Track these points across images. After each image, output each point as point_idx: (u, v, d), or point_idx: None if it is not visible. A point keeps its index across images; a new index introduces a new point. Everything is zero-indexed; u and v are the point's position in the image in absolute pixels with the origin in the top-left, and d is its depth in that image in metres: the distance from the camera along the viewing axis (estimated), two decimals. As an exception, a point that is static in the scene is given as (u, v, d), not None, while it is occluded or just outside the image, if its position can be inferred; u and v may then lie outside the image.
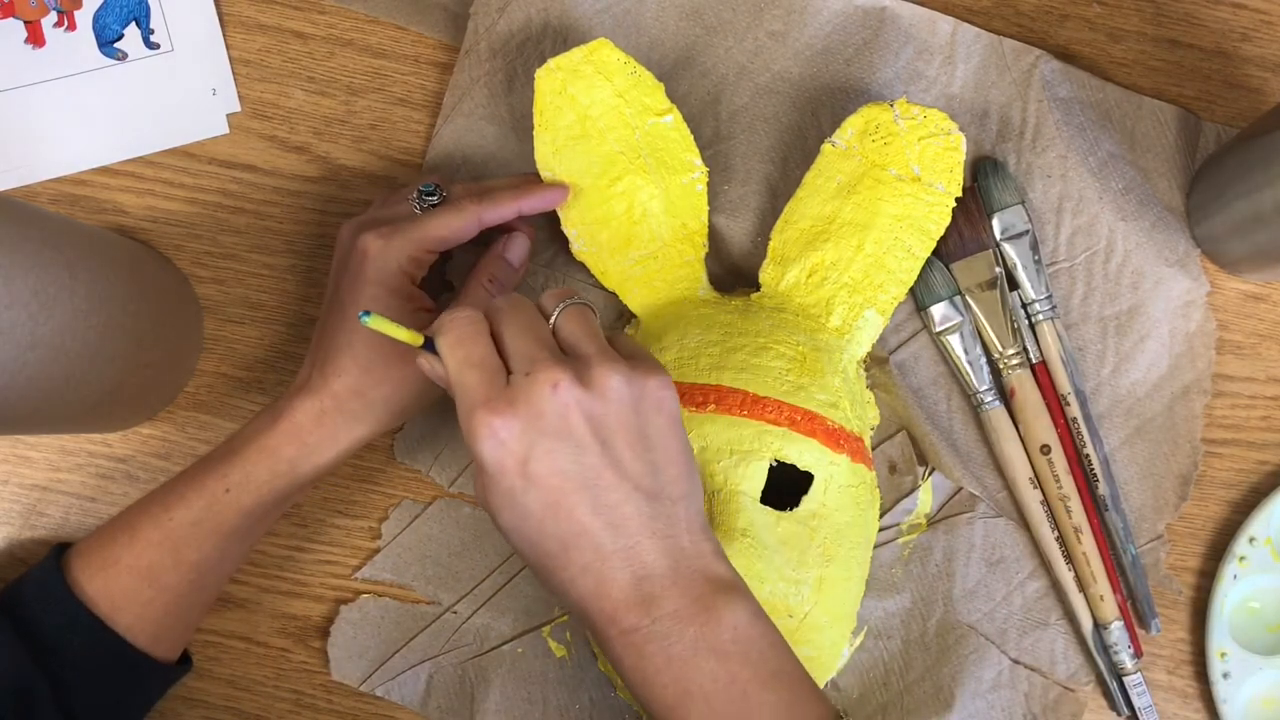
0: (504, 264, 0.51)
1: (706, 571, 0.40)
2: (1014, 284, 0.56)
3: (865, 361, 0.55)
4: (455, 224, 0.49)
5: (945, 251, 0.56)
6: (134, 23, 0.59)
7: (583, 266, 0.55)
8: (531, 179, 0.53)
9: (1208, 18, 0.59)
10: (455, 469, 0.57)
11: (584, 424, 0.39)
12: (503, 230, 0.53)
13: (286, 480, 0.48)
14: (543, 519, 0.39)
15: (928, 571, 0.56)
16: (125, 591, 0.47)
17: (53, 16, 0.59)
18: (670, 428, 0.41)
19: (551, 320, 0.43)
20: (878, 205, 0.52)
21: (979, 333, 0.56)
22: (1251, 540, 0.55)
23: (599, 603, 0.40)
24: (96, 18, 0.59)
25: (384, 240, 0.47)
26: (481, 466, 0.40)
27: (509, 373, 0.40)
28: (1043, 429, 0.55)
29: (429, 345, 0.43)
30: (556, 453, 0.39)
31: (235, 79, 0.59)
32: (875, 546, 0.55)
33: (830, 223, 0.53)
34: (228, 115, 0.59)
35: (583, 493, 0.39)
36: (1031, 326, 0.56)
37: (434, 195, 0.50)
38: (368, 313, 0.41)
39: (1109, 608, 0.54)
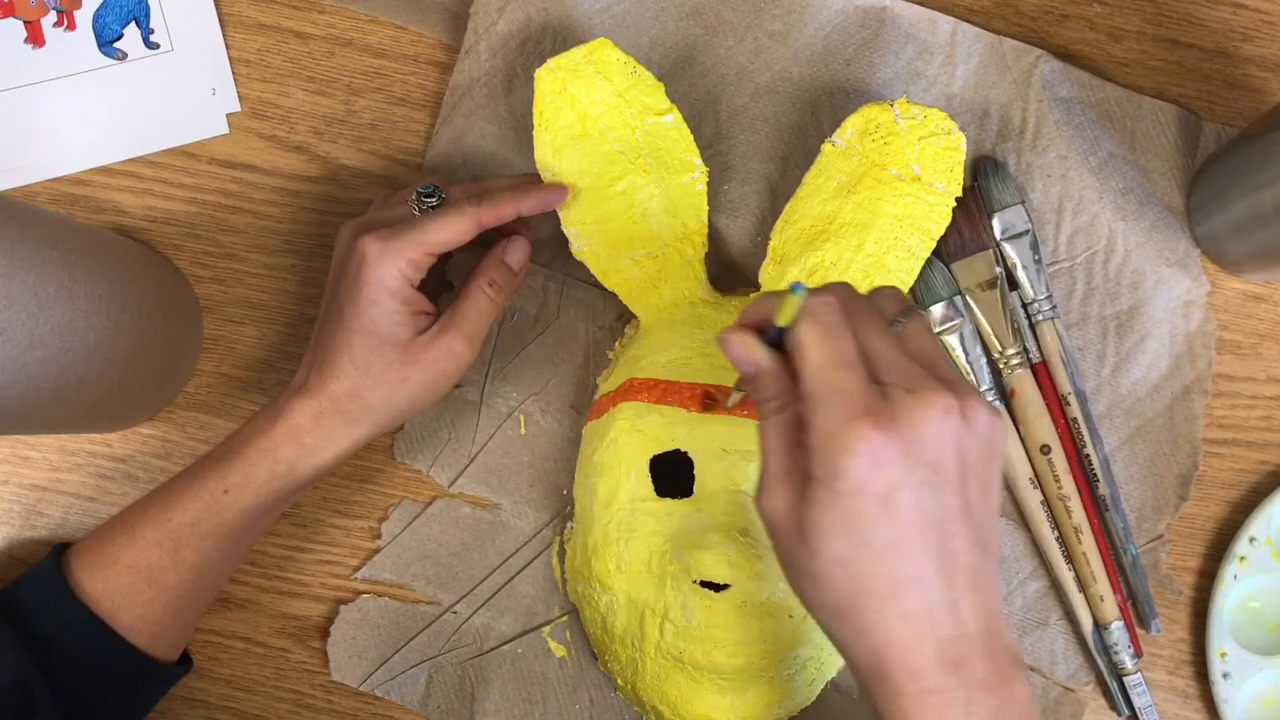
0: (503, 267, 0.51)
1: (1005, 639, 0.37)
2: (1014, 284, 0.56)
3: (865, 361, 0.55)
4: (454, 227, 0.48)
5: (945, 251, 0.56)
6: (134, 22, 0.59)
7: (583, 266, 0.54)
8: (530, 179, 0.53)
9: (1208, 18, 0.59)
10: (455, 469, 0.57)
11: (955, 460, 0.36)
12: (503, 231, 0.53)
13: (285, 481, 0.48)
14: (883, 553, 0.36)
15: (928, 571, 0.56)
16: (125, 592, 0.47)
17: (52, 16, 0.59)
18: (1000, 477, 0.39)
19: (895, 326, 0.39)
20: (878, 205, 0.52)
21: (979, 333, 0.56)
22: (1251, 540, 0.55)
23: (906, 655, 0.36)
24: (96, 17, 0.59)
25: (383, 243, 0.47)
26: (834, 481, 0.36)
27: (876, 380, 0.37)
28: (1043, 429, 0.55)
29: (774, 331, 0.38)
30: (925, 486, 0.36)
31: (235, 79, 0.59)
32: (875, 546, 0.55)
33: (830, 222, 0.53)
34: (227, 115, 0.59)
35: (933, 535, 0.36)
36: (1031, 326, 0.56)
37: (433, 197, 0.50)
38: (798, 287, 0.36)
39: (1109, 608, 0.54)
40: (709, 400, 0.49)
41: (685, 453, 0.49)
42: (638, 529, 0.50)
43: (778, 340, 0.39)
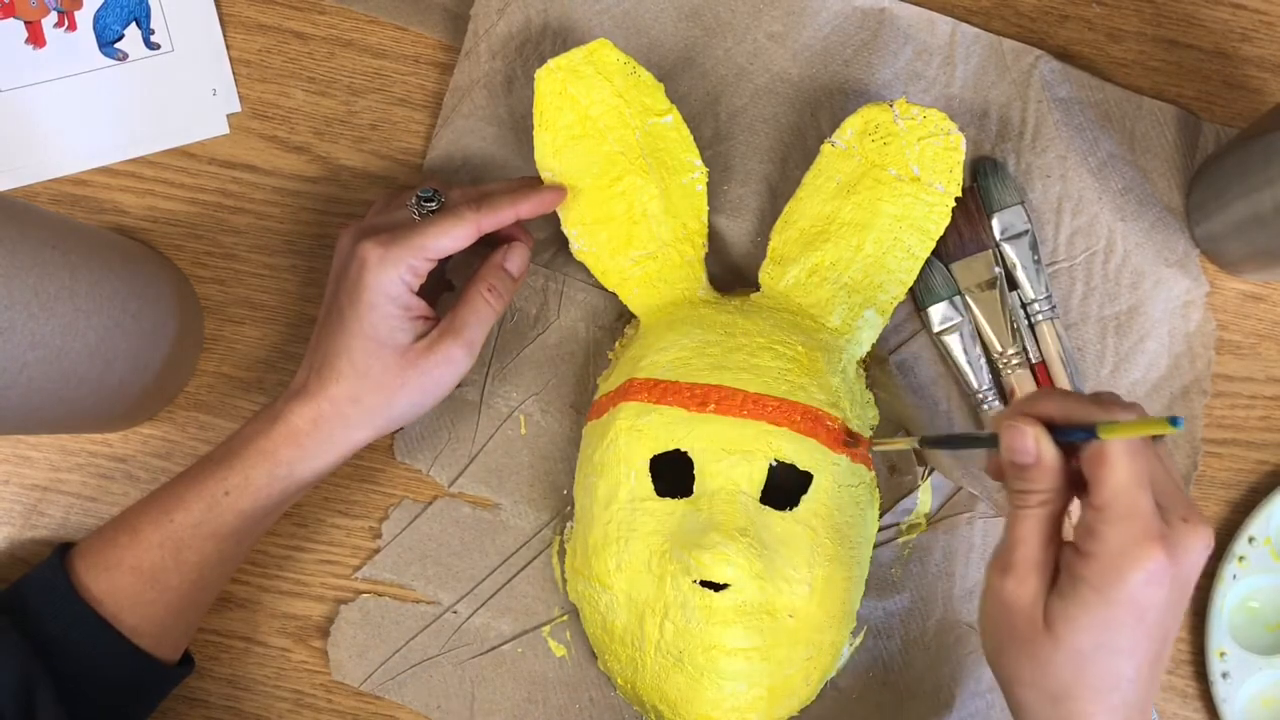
0: (503, 274, 0.51)
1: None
2: (1014, 284, 0.56)
3: (865, 361, 0.55)
4: (454, 232, 0.48)
5: (945, 251, 0.56)
6: (134, 23, 0.59)
7: (583, 266, 0.55)
8: (529, 182, 0.53)
9: (1207, 18, 0.59)
10: (455, 469, 0.57)
11: (1191, 587, 0.40)
12: (502, 235, 0.53)
13: (285, 483, 0.48)
14: (1117, 657, 0.39)
15: (927, 571, 0.56)
16: (128, 592, 0.47)
17: (53, 17, 0.59)
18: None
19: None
20: (877, 205, 0.52)
21: (979, 333, 0.56)
22: (1251, 540, 0.55)
23: None
24: (97, 18, 0.59)
25: (383, 249, 0.47)
26: (1111, 591, 0.38)
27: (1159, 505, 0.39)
28: (1042, 429, 0.55)
29: (1076, 433, 0.40)
30: (1174, 608, 0.39)
31: (235, 79, 0.59)
32: (875, 546, 0.55)
33: (830, 223, 0.53)
34: (228, 115, 0.59)
35: (1159, 647, 0.40)
36: (1031, 326, 0.56)
37: (432, 201, 0.50)
38: (1177, 420, 0.37)
39: (1108, 607, 0.54)
40: (850, 439, 0.50)
41: (685, 453, 0.49)
42: (638, 528, 0.50)
43: (1068, 439, 0.40)
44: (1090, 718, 0.40)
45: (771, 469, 0.49)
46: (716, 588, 0.48)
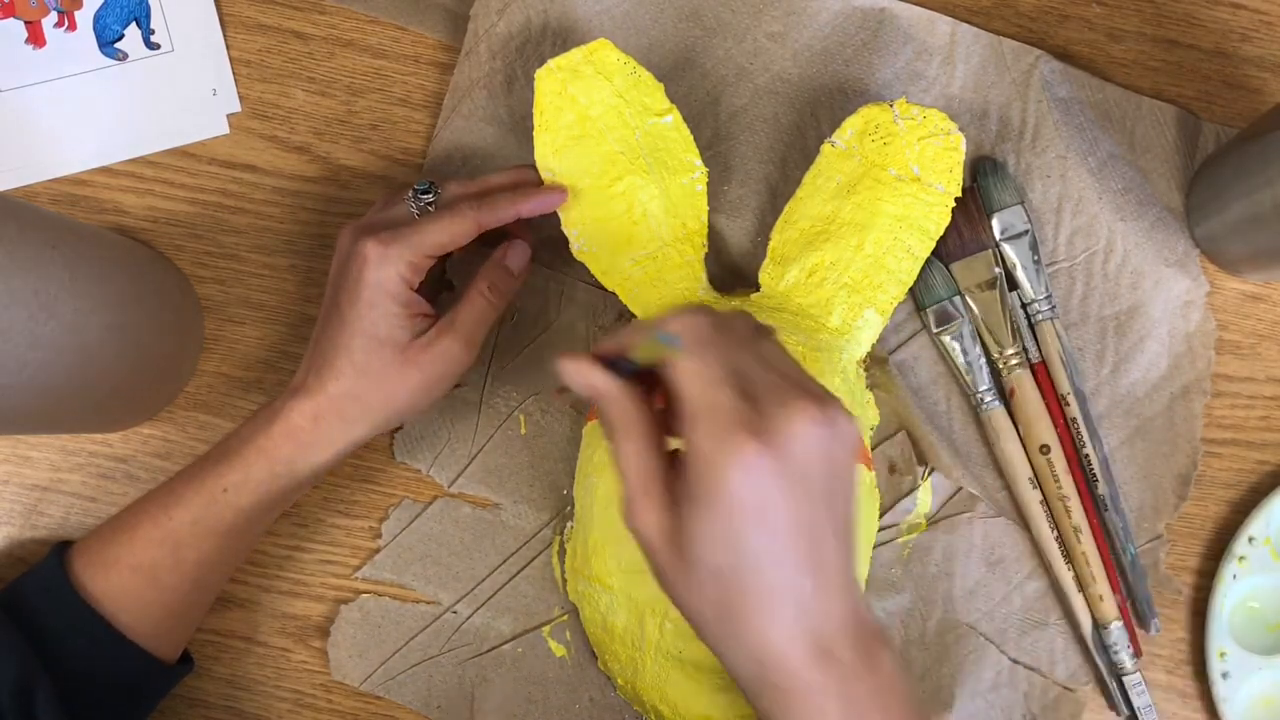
0: (504, 271, 0.51)
1: (868, 621, 0.39)
2: (1014, 284, 0.56)
3: (865, 361, 0.55)
4: (453, 229, 0.49)
5: (945, 251, 0.56)
6: (134, 23, 0.59)
7: (583, 266, 0.55)
8: (527, 173, 0.53)
9: (1207, 18, 0.59)
10: (455, 469, 0.57)
11: (822, 467, 0.37)
12: (502, 230, 0.53)
13: (284, 480, 0.48)
14: (758, 564, 0.37)
15: (927, 571, 0.56)
16: (127, 591, 0.47)
17: (53, 16, 0.59)
18: (855, 475, 0.40)
19: (754, 342, 0.41)
20: (877, 205, 0.52)
21: (979, 333, 0.56)
22: (1251, 540, 0.55)
23: (783, 658, 0.37)
24: (97, 18, 0.59)
25: (383, 247, 0.47)
26: (714, 495, 0.37)
27: (751, 398, 0.38)
28: (1042, 429, 0.55)
29: (619, 363, 0.39)
30: (798, 498, 0.37)
31: (235, 79, 0.59)
32: (875, 546, 0.55)
33: (830, 223, 0.53)
34: (228, 115, 0.59)
35: (805, 542, 0.37)
36: (1031, 326, 0.56)
37: (429, 193, 0.50)
38: (667, 338, 0.37)
39: (1108, 608, 0.54)
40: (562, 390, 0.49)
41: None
42: (637, 529, 0.50)
43: (631, 370, 0.40)
44: (758, 633, 0.37)
45: (771, 469, 0.49)
46: (716, 588, 0.48)
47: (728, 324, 0.40)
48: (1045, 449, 0.55)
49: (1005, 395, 0.56)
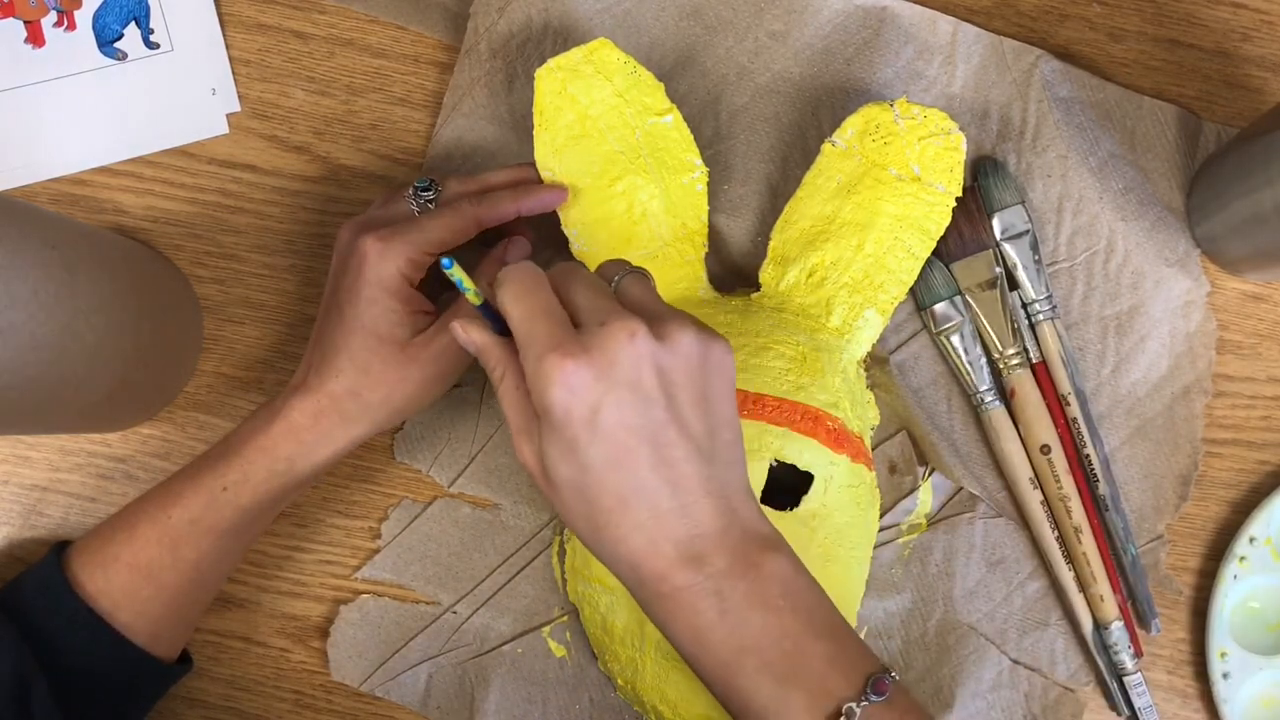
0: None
1: (752, 530, 0.41)
2: (1014, 284, 0.56)
3: (865, 361, 0.55)
4: (453, 226, 0.49)
5: (945, 251, 0.56)
6: (134, 22, 0.59)
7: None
8: (527, 171, 0.53)
9: (1208, 17, 0.59)
10: (455, 469, 0.57)
11: (654, 377, 0.39)
12: (502, 229, 0.53)
13: (284, 479, 0.48)
14: (603, 473, 0.39)
15: (928, 571, 0.56)
16: (125, 589, 0.47)
17: (52, 16, 0.59)
18: (728, 393, 0.42)
19: (613, 285, 0.43)
20: (878, 205, 0.52)
21: (979, 333, 0.56)
22: (1252, 540, 0.55)
23: (650, 561, 0.39)
24: (96, 17, 0.59)
25: (383, 244, 0.47)
26: (547, 414, 0.39)
27: (578, 326, 0.40)
28: (1043, 429, 0.55)
29: (485, 307, 0.43)
30: (626, 404, 0.39)
31: (235, 79, 0.59)
32: (875, 546, 0.55)
33: (830, 222, 0.53)
34: (227, 115, 0.59)
35: (647, 448, 0.39)
36: (1032, 326, 0.56)
37: (429, 191, 0.50)
38: (451, 262, 0.40)
39: (1109, 608, 0.54)
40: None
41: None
42: (638, 529, 0.49)
43: (491, 316, 0.43)
44: (623, 540, 0.40)
45: (771, 469, 0.49)
46: (717, 588, 0.48)
47: (575, 269, 0.43)
48: (1046, 449, 0.55)
49: (1006, 395, 0.56)
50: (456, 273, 0.41)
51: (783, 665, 0.39)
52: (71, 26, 0.59)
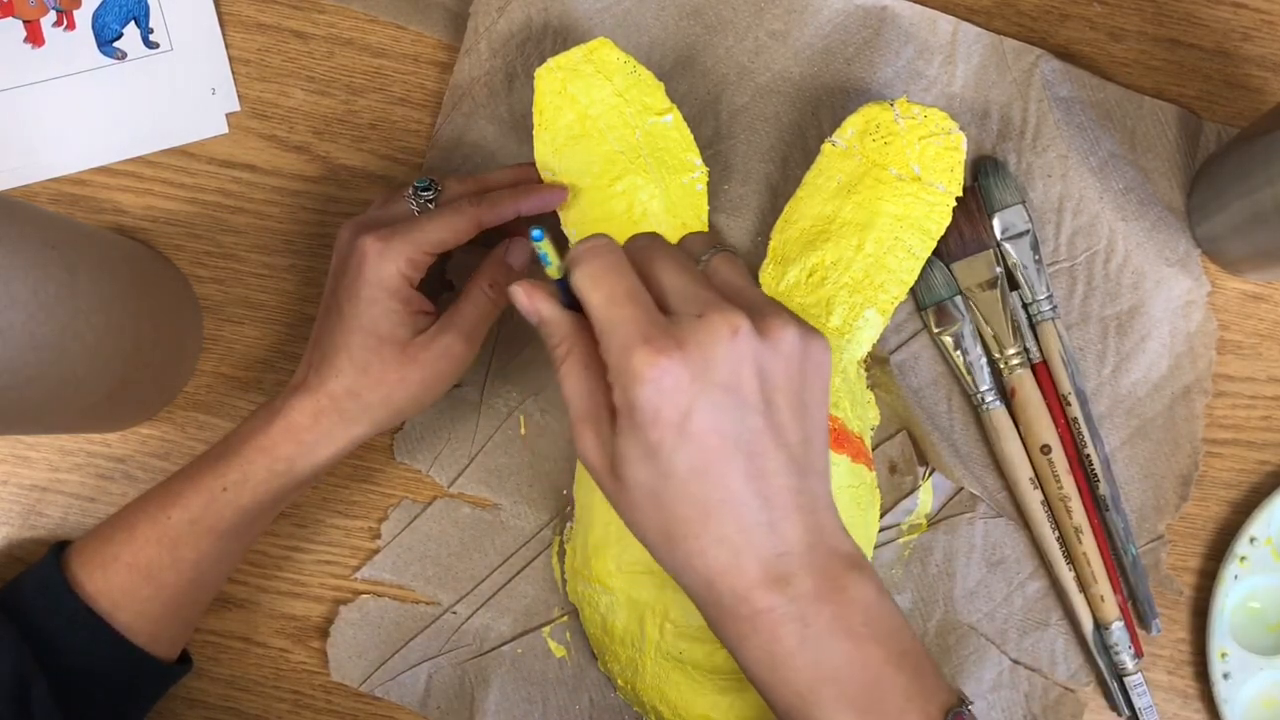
0: (505, 269, 0.51)
1: (837, 549, 0.38)
2: (1014, 284, 0.56)
3: (865, 361, 0.55)
4: (454, 226, 0.48)
5: (946, 251, 0.56)
6: (133, 22, 0.59)
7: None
8: (527, 171, 0.53)
9: (1208, 17, 0.59)
10: (455, 469, 0.57)
11: (755, 380, 0.36)
12: (502, 229, 0.53)
13: (284, 479, 0.48)
14: (687, 481, 0.36)
15: (928, 572, 0.56)
16: (124, 589, 0.47)
17: (52, 16, 0.59)
18: (825, 397, 0.38)
19: (700, 264, 0.39)
20: (878, 205, 0.52)
21: (979, 333, 0.56)
22: (1252, 540, 0.55)
23: (730, 579, 0.36)
24: (95, 17, 0.59)
25: (383, 243, 0.47)
26: (631, 412, 0.35)
27: (667, 312, 0.36)
28: (1043, 429, 0.55)
29: (562, 283, 0.39)
30: (721, 409, 0.35)
31: (235, 78, 0.59)
32: (875, 547, 0.55)
33: (830, 222, 0.53)
34: (227, 115, 0.59)
35: (739, 457, 0.36)
36: (1032, 326, 0.56)
37: (430, 190, 0.50)
38: (541, 233, 0.36)
39: (1109, 608, 0.54)
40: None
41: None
42: (638, 529, 0.49)
43: (570, 294, 0.39)
44: (701, 554, 0.36)
45: (772, 469, 0.49)
46: (717, 588, 0.48)
47: (659, 245, 0.39)
48: (1046, 449, 0.55)
49: (1006, 395, 0.56)
50: (545, 246, 0.37)
51: (863, 698, 0.36)
52: (71, 26, 0.59)
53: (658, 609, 0.49)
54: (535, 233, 0.36)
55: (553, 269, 0.38)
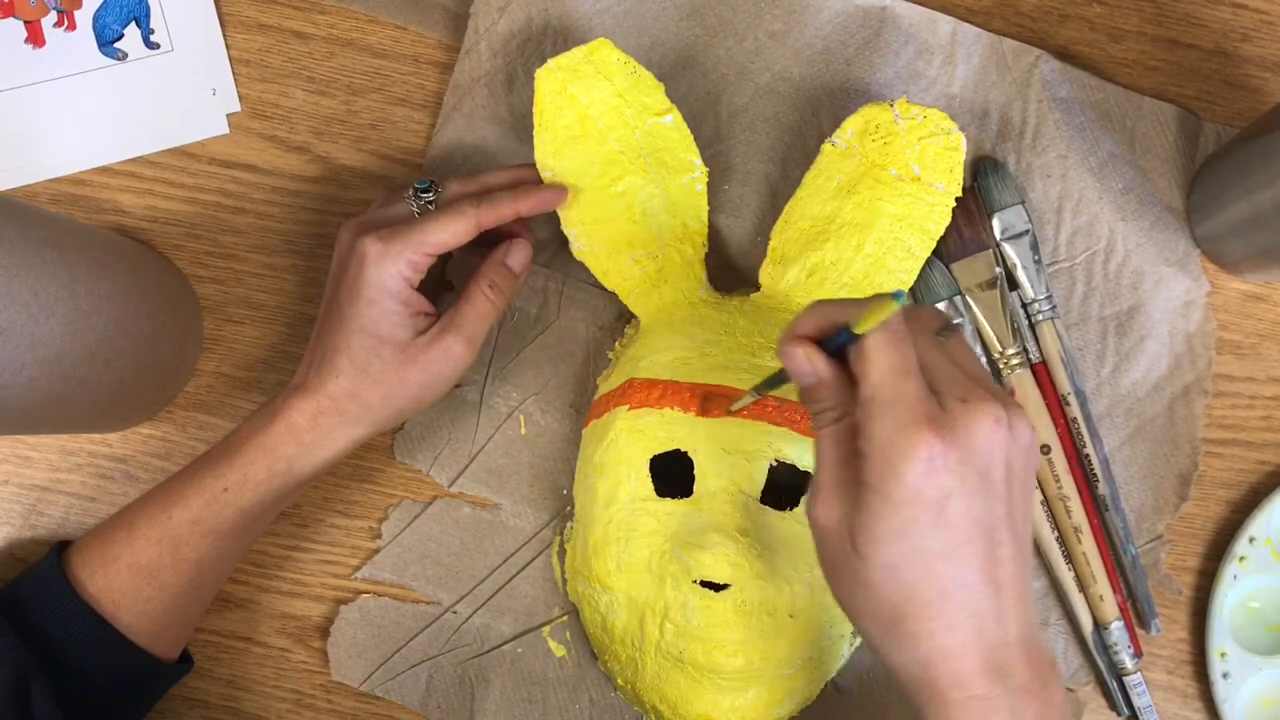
0: (505, 270, 0.51)
1: (1041, 644, 0.38)
2: (1014, 284, 0.56)
3: (865, 361, 0.55)
4: (454, 227, 0.48)
5: (945, 251, 0.56)
6: (134, 22, 0.59)
7: (583, 266, 0.54)
8: (527, 172, 0.53)
9: (1208, 18, 0.59)
10: (455, 469, 0.57)
11: (1003, 469, 0.36)
12: (502, 232, 0.53)
13: (284, 479, 0.48)
14: (934, 561, 0.36)
15: (928, 571, 0.56)
16: (125, 589, 0.47)
17: (53, 16, 0.59)
18: (1034, 484, 0.39)
19: (941, 339, 0.39)
20: (878, 205, 0.52)
21: (979, 333, 0.56)
22: (1251, 540, 0.55)
23: (952, 663, 0.37)
24: (96, 17, 0.59)
25: (383, 244, 0.47)
26: (888, 488, 0.35)
27: (934, 392, 0.37)
28: (1043, 429, 0.55)
29: (833, 342, 0.38)
30: (975, 495, 0.36)
31: (235, 79, 0.59)
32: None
33: (830, 222, 0.53)
34: (227, 115, 0.59)
35: (983, 543, 0.36)
36: (1031, 326, 0.56)
37: (429, 192, 0.50)
38: (902, 294, 0.35)
39: (1109, 608, 0.54)
40: (708, 403, 0.49)
41: (685, 453, 0.49)
42: (638, 529, 0.50)
43: (836, 348, 0.39)
44: (929, 635, 0.36)
45: (771, 469, 0.49)
46: (717, 588, 0.48)
47: (916, 315, 0.39)
48: (1046, 449, 0.55)
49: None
50: (904, 304, 0.36)
51: None
52: (71, 26, 0.59)
53: (658, 608, 0.49)
54: (897, 293, 0.35)
55: (864, 326, 0.37)
